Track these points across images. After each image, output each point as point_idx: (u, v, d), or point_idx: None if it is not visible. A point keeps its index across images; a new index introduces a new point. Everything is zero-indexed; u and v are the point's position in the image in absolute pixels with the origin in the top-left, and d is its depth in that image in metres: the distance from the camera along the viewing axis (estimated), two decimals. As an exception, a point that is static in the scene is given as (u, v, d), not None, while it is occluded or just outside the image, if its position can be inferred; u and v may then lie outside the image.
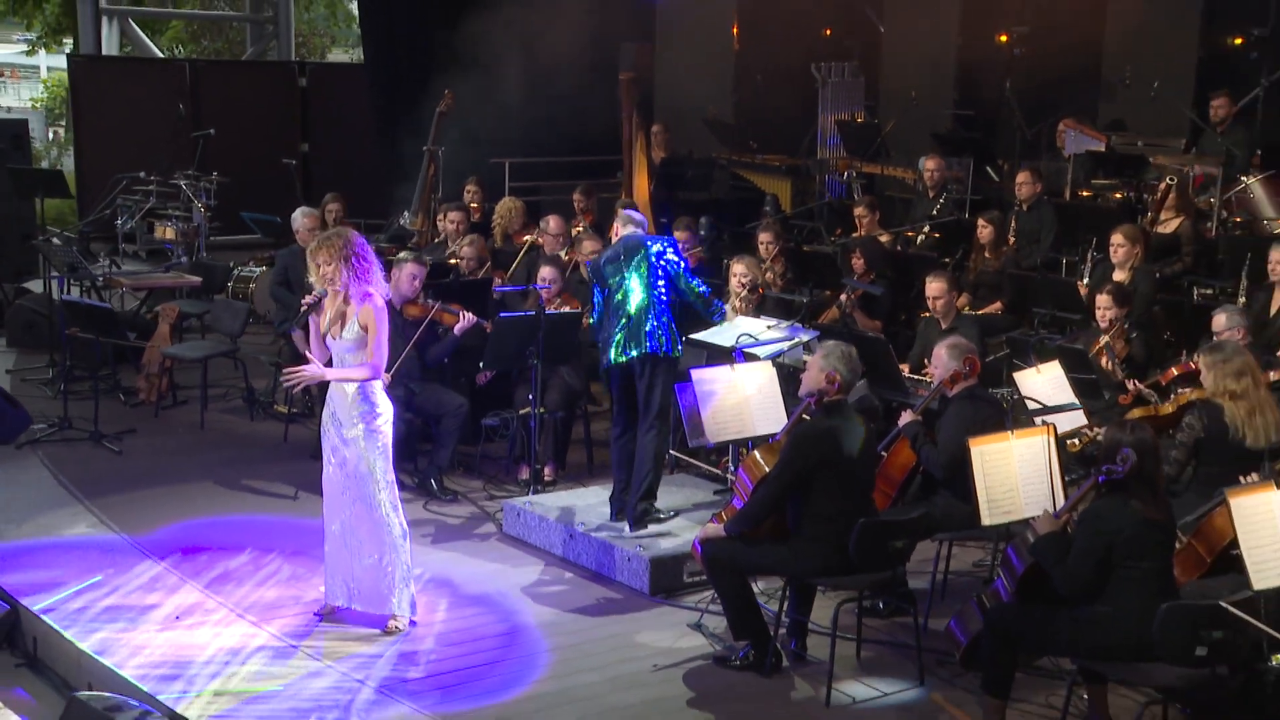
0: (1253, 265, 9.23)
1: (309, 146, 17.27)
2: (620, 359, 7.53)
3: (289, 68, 18.19)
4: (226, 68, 18.95)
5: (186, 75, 16.81)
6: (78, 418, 9.50)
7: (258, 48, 19.73)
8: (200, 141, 13.93)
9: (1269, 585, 5.32)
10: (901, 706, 6.10)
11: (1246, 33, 13.20)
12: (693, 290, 7.60)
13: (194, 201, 13.01)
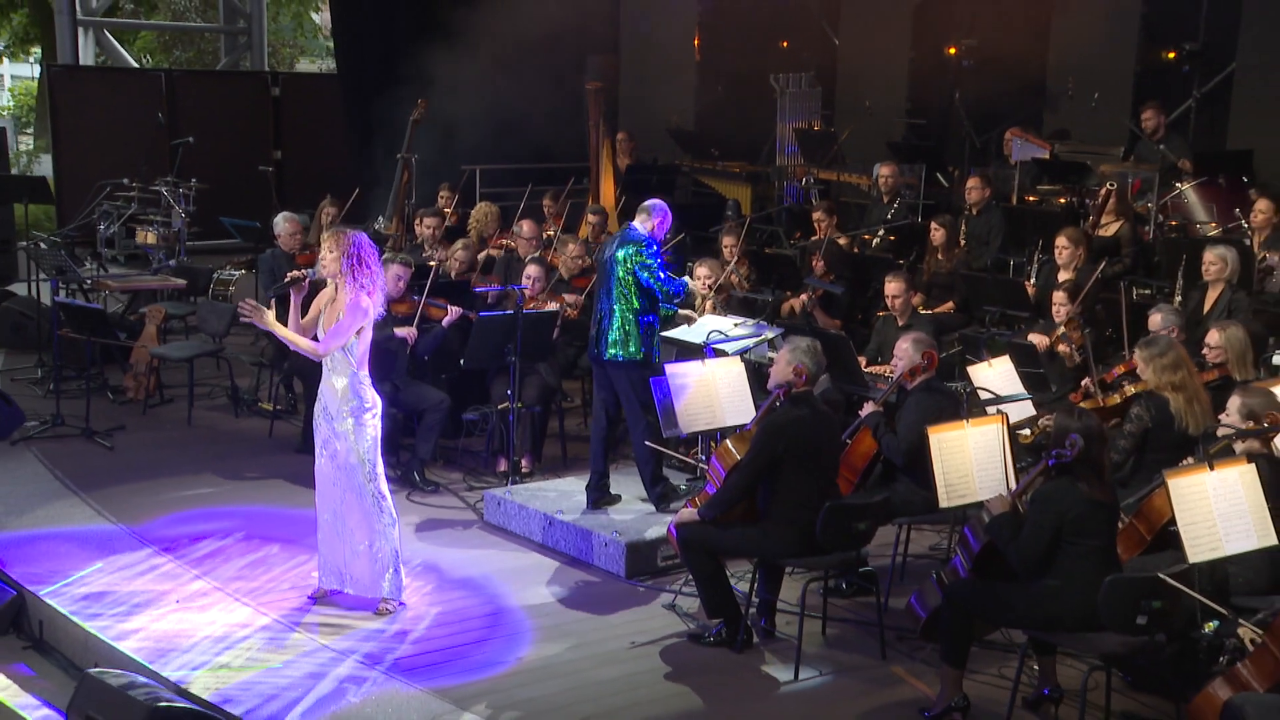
0: (1188, 266, 9.42)
1: (282, 154, 17.36)
2: (593, 351, 7.79)
3: (262, 77, 18.25)
4: (201, 77, 18.94)
5: (162, 85, 16.87)
6: (69, 415, 9.58)
7: (231, 58, 19.75)
8: (180, 149, 13.97)
9: (1203, 558, 5.55)
10: (863, 675, 6.31)
11: (1180, 48, 13.41)
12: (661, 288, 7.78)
13: (174, 207, 13.07)
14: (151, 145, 15.78)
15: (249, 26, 19.58)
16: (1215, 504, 5.65)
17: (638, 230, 7.83)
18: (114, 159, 14.96)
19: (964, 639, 5.90)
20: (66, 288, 10.86)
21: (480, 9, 13.16)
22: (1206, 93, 13.10)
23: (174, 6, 23.96)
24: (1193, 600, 5.50)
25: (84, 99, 16.44)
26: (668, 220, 7.94)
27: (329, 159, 16.15)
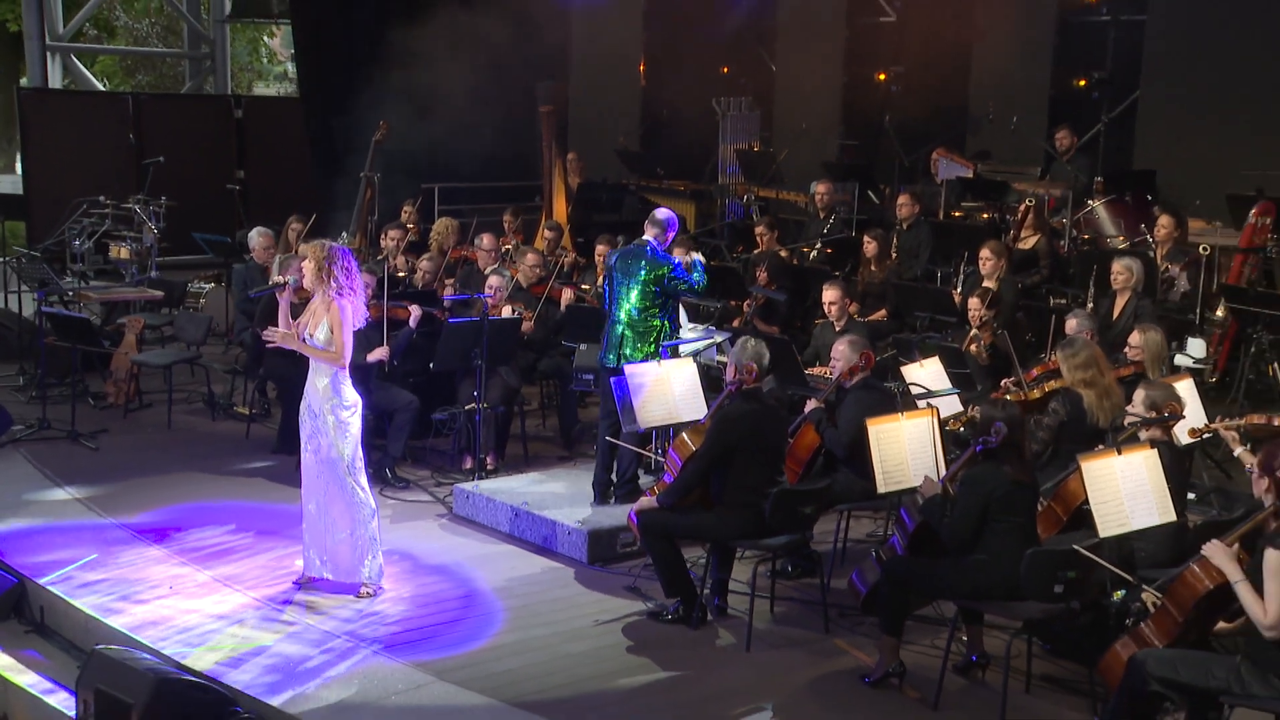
0: (1099, 276, 9.84)
1: (245, 173, 17.41)
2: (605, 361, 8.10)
3: (225, 100, 18.33)
4: (167, 100, 19.03)
5: (129, 107, 16.90)
6: (53, 419, 9.70)
7: (195, 82, 19.82)
8: (150, 168, 14.10)
9: (1112, 533, 5.90)
10: (808, 648, 6.62)
11: (1089, 75, 13.96)
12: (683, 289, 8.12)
13: (146, 223, 13.21)
14: (121, 165, 15.87)
15: (212, 52, 19.67)
16: (1123, 485, 5.99)
17: (657, 245, 8.07)
18: (83, 178, 14.99)
19: (900, 611, 6.23)
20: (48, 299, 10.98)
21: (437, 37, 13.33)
22: (1114, 117, 13.63)
23: (135, 32, 23.95)
24: (1103, 571, 5.85)
25: (54, 121, 16.45)
26: (676, 227, 8.26)
27: (289, 178, 16.20)
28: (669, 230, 8.16)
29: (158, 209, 13.65)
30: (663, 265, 8.02)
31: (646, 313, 8.01)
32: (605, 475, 8.14)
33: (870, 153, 15.42)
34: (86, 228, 12.88)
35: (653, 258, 8.03)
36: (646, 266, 8.00)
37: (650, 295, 7.99)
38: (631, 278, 8.02)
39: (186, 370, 10.94)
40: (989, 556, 5.96)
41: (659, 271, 7.99)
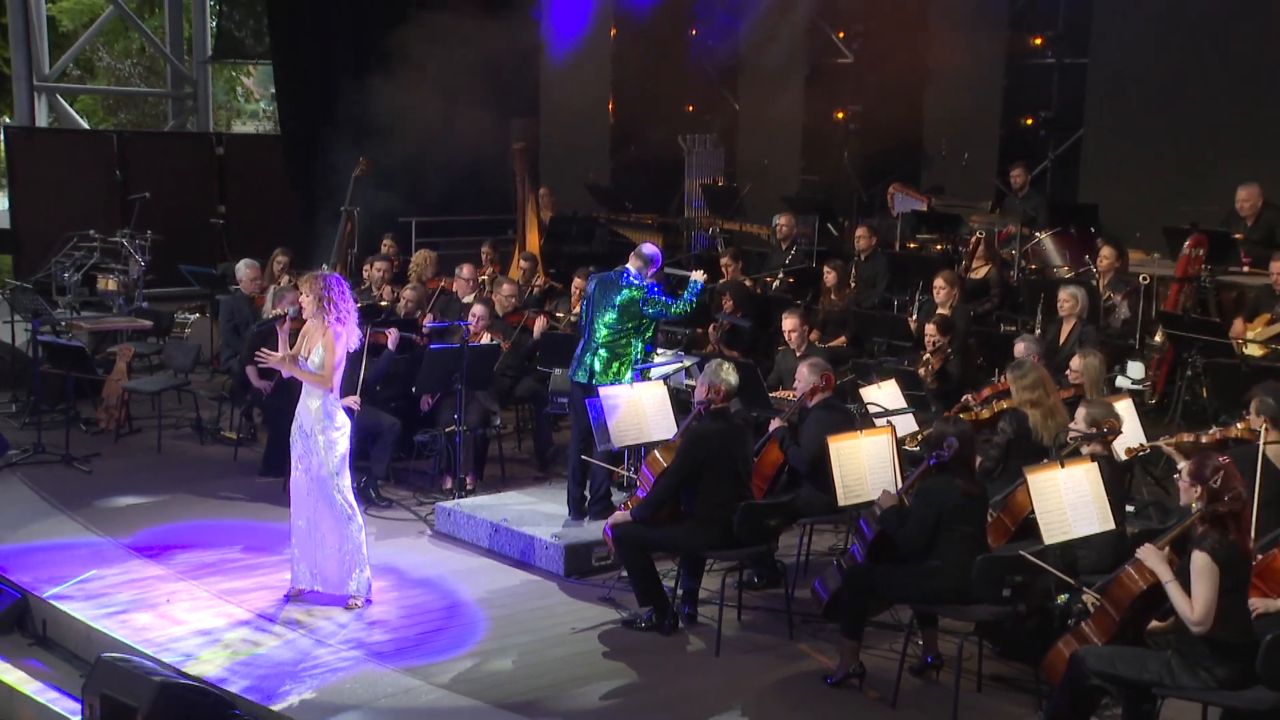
0: (1046, 303, 10.11)
1: (225, 208, 17.52)
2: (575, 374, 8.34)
3: (207, 138, 18.48)
4: (150, 138, 19.14)
5: (114, 145, 17.05)
6: (47, 444, 9.83)
7: (179, 120, 19.99)
8: (136, 203, 14.26)
9: (1056, 540, 6.16)
10: (774, 652, 6.85)
11: (1036, 115, 14.33)
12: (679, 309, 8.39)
13: (132, 256, 13.37)
14: (106, 200, 16.00)
15: (195, 91, 19.84)
16: (1065, 495, 6.25)
17: (634, 274, 8.32)
18: (68, 213, 15.13)
19: (861, 615, 6.49)
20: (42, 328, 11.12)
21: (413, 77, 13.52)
22: (1060, 154, 14.01)
23: (117, 72, 24.10)
24: (1048, 576, 6.14)
25: (40, 158, 16.59)
26: (659, 264, 8.50)
27: (269, 212, 16.34)
28: (652, 266, 8.40)
29: (143, 243, 13.82)
30: (638, 288, 8.28)
31: (620, 334, 8.26)
32: (579, 491, 8.37)
33: (829, 187, 15.63)
34: (76, 261, 13.02)
35: (630, 282, 8.29)
36: (624, 290, 8.26)
37: (626, 317, 8.24)
38: (608, 301, 8.27)
39: (174, 396, 11.09)
40: (942, 563, 6.22)
41: (634, 294, 8.25)
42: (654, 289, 8.34)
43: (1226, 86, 12.42)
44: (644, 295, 8.25)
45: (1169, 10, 12.81)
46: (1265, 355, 9.30)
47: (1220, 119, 12.38)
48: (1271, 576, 5.82)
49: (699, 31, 17.04)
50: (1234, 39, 12.39)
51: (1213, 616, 5.22)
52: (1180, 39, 12.73)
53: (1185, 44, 12.69)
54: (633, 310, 8.26)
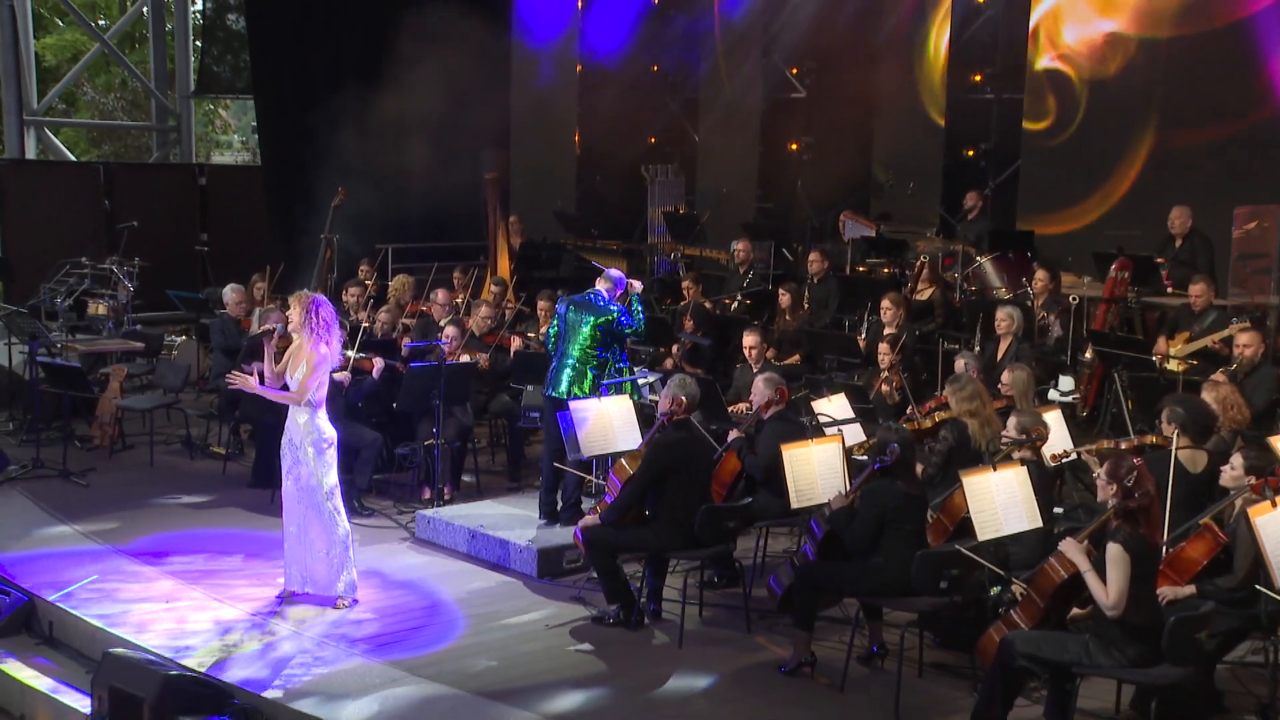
0: (985, 323, 10.44)
1: (208, 236, 17.69)
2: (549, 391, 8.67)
3: (190, 169, 18.60)
4: (136, 169, 19.27)
5: (101, 176, 17.21)
6: (46, 460, 10.06)
7: (162, 152, 20.17)
8: (124, 231, 14.48)
9: (989, 537, 6.52)
10: (733, 645, 7.17)
11: (977, 147, 14.76)
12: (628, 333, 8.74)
13: (121, 282, 13.60)
14: (95, 229, 16.15)
15: (178, 125, 20.05)
16: (997, 496, 6.62)
17: (604, 296, 8.71)
18: (59, 241, 15.25)
19: (812, 608, 6.81)
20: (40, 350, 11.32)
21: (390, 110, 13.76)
22: (999, 184, 14.45)
23: (101, 106, 24.27)
24: (983, 570, 6.51)
25: (30, 189, 16.70)
26: (624, 285, 8.89)
27: (249, 239, 16.46)
28: (618, 287, 8.80)
29: (131, 269, 14.03)
30: (611, 312, 8.65)
31: (591, 351, 8.60)
32: (550, 497, 8.70)
33: (784, 215, 15.94)
34: (69, 286, 13.25)
35: (602, 305, 8.66)
36: (597, 312, 8.61)
37: (598, 337, 8.59)
38: (583, 321, 8.61)
39: (165, 414, 11.33)
40: (886, 559, 6.57)
41: (608, 317, 8.61)
42: (623, 312, 8.71)
43: (1149, 120, 12.92)
44: (617, 319, 8.63)
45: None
46: (1184, 370, 9.71)
47: (1144, 151, 12.86)
48: (1180, 566, 6.22)
49: (661, 68, 17.31)
50: (1155, 78, 12.89)
51: (1125, 602, 5.61)
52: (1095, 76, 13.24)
53: (1111, 80, 13.19)
54: (609, 331, 8.62)
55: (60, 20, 25.25)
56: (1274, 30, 12.01)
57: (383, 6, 14.86)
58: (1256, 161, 11.95)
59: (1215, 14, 12.52)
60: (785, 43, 16.37)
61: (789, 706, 6.43)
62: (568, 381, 8.60)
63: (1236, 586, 6.04)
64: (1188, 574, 6.20)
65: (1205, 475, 6.93)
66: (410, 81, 13.59)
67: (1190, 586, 6.16)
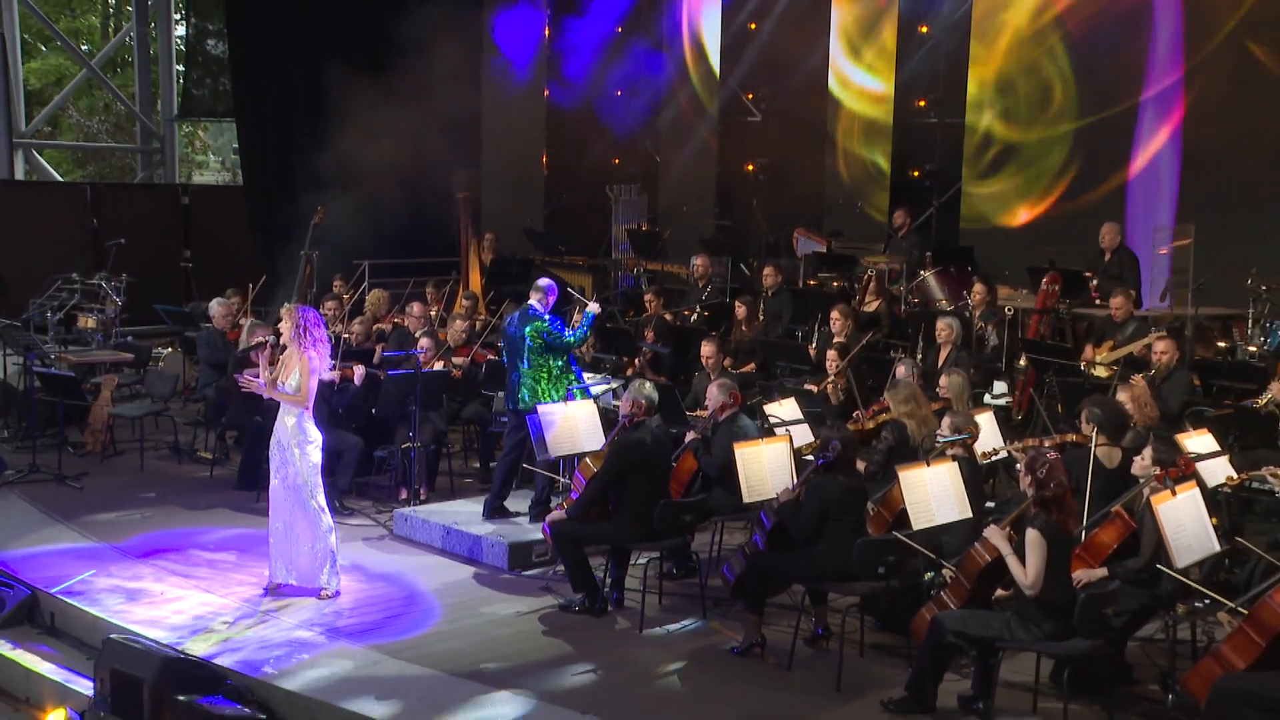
0: (927, 332, 10.82)
1: (191, 252, 17.91)
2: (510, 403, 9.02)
3: (174, 189, 18.80)
4: (121, 189, 19.46)
5: (88, 196, 17.41)
6: (41, 465, 10.28)
7: (147, 173, 20.37)
8: (113, 248, 14.72)
9: (922, 526, 6.88)
10: (690, 632, 7.53)
11: (922, 168, 15.17)
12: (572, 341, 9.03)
13: (110, 296, 13.83)
14: (82, 247, 16.35)
15: (162, 146, 20.27)
16: (931, 489, 7.00)
17: (538, 309, 8.99)
18: (48, 259, 15.40)
19: (761, 594, 7.15)
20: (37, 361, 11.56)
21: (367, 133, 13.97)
22: (943, 202, 14.89)
23: (85, 128, 24.42)
24: (919, 557, 6.91)
25: (19, 209, 16.88)
26: (555, 293, 9.18)
27: (230, 256, 16.61)
28: (549, 295, 9.08)
29: (119, 284, 14.26)
30: (542, 321, 8.95)
31: (539, 360, 8.91)
32: (496, 502, 9.03)
33: (741, 231, 16.23)
34: (60, 301, 13.47)
35: (534, 317, 8.96)
36: (532, 325, 8.92)
37: (538, 348, 8.91)
38: (522, 334, 8.93)
39: (154, 421, 11.55)
40: (829, 547, 6.93)
41: (539, 326, 8.92)
42: (555, 321, 8.99)
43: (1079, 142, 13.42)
44: (547, 327, 8.93)
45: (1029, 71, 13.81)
46: (1110, 375, 10.16)
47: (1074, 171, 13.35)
48: (1094, 550, 6.62)
49: (624, 93, 17.65)
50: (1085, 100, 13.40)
51: (1041, 582, 6.02)
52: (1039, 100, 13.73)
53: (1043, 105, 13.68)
54: (546, 339, 8.91)
55: (44, 45, 25.41)
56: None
57: (359, 33, 15.12)
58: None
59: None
60: (741, 69, 16.73)
61: (740, 684, 6.77)
62: (528, 393, 8.91)
63: (1142, 568, 6.44)
64: (1100, 557, 6.59)
65: (1120, 469, 7.34)
66: (386, 105, 13.79)
67: (1103, 569, 6.55)
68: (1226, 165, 12.01)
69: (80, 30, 26.02)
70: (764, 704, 6.54)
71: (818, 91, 15.88)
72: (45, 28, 22.13)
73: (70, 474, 10.28)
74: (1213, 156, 12.15)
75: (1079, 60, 13.67)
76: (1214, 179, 12.14)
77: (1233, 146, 11.80)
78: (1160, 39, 12.90)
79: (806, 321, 11.90)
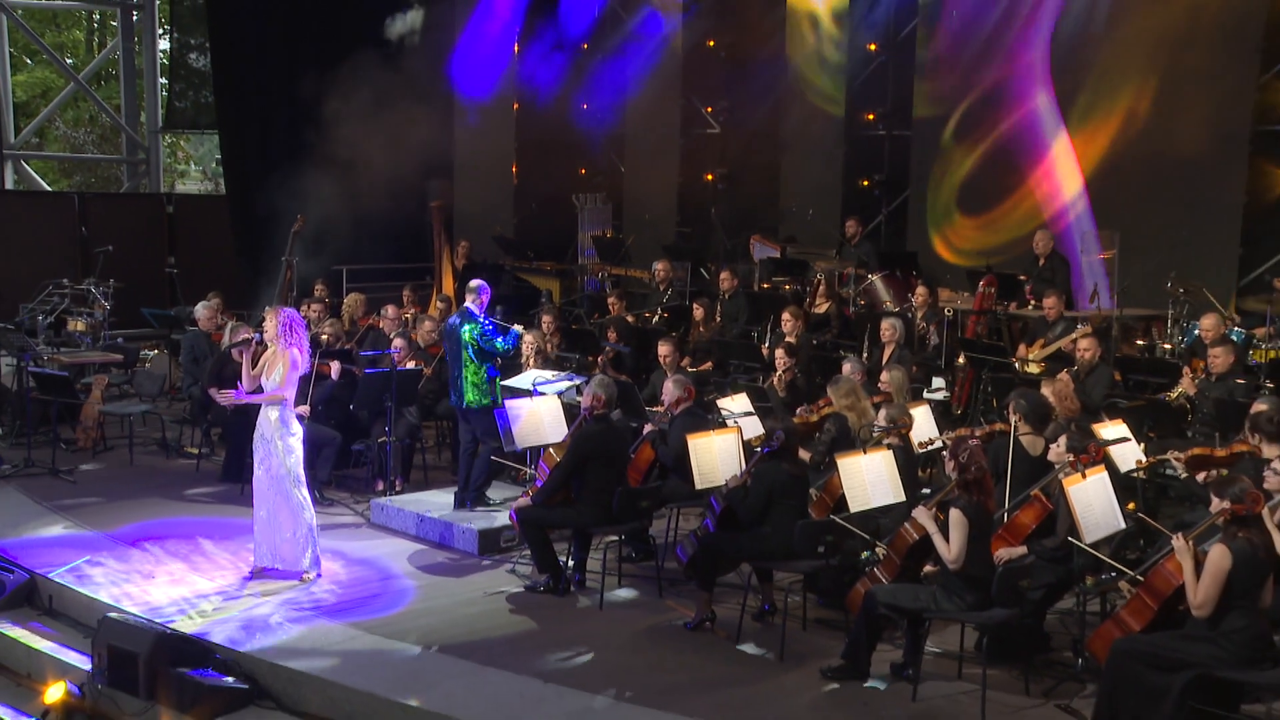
0: (872, 332, 11.18)
1: (175, 259, 18.05)
2: (453, 400, 9.32)
3: (158, 198, 18.96)
4: (108, 199, 19.59)
5: (76, 205, 17.58)
6: (36, 460, 10.52)
7: (133, 183, 20.54)
8: (101, 255, 14.92)
9: (859, 509, 7.28)
10: (646, 607, 7.85)
11: (871, 178, 15.54)
12: (500, 349, 9.34)
13: (98, 301, 14.05)
14: (71, 254, 16.52)
15: (147, 157, 20.45)
16: (867, 474, 7.39)
17: (473, 310, 9.25)
18: (38, 266, 15.60)
19: (712, 572, 7.50)
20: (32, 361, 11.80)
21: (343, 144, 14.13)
22: (891, 211, 15.28)
23: (72, 140, 24.56)
24: (855, 538, 7.29)
25: (11, 217, 17.05)
26: (488, 293, 9.40)
27: (212, 263, 16.83)
28: (481, 294, 9.32)
29: (107, 289, 14.48)
30: (476, 325, 9.19)
31: (474, 362, 9.17)
32: (462, 494, 9.32)
33: (700, 238, 16.52)
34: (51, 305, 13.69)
35: (471, 318, 9.21)
36: (468, 327, 9.20)
37: (473, 350, 9.16)
38: (460, 335, 9.19)
39: (142, 419, 11.80)
40: (773, 529, 7.30)
41: (474, 329, 9.18)
42: (489, 325, 9.25)
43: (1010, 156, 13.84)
44: (480, 330, 9.18)
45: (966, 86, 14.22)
46: (1041, 371, 10.56)
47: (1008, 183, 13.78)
48: (1015, 530, 7.01)
49: (589, 106, 17.94)
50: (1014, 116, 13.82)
51: (964, 557, 6.41)
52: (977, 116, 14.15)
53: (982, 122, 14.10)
54: (477, 342, 9.15)
55: (29, 59, 25.54)
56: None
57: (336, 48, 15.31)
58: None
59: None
60: (701, 83, 17.05)
61: (692, 655, 7.12)
62: (465, 393, 9.16)
63: (1057, 545, 6.84)
64: (1020, 536, 6.99)
65: (1042, 457, 7.71)
66: (362, 118, 13.96)
67: (1022, 547, 6.95)
68: (1148, 176, 12.44)
69: (65, 44, 26.15)
70: (714, 673, 6.87)
71: (772, 105, 16.20)
72: (32, 42, 22.26)
73: (64, 468, 10.52)
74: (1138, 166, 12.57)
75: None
76: (1136, 189, 12.58)
77: (1156, 156, 12.23)
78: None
79: (761, 323, 12.23)
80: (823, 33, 15.87)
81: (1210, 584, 5.65)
